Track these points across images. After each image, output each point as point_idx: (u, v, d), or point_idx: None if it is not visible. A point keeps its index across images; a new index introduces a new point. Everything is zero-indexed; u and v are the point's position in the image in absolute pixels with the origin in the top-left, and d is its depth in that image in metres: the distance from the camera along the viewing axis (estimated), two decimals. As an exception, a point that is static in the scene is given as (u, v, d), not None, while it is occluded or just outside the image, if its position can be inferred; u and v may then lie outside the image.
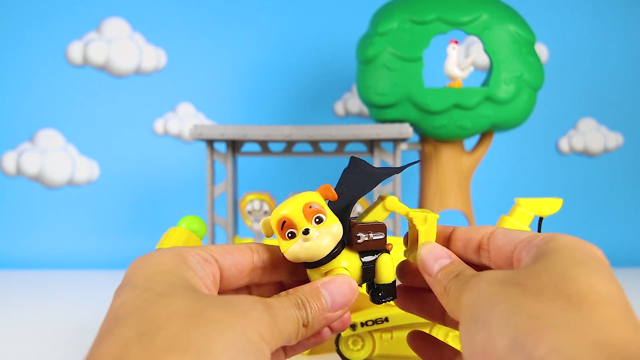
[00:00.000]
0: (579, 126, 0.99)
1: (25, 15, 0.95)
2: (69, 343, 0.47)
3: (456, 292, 0.22)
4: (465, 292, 0.21)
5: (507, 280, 0.20)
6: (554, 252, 0.21)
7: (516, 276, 0.20)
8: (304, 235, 0.24)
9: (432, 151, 0.70)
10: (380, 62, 0.66)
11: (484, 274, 0.22)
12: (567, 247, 0.21)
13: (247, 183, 0.79)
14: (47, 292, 0.69)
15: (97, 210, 0.95)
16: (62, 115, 0.95)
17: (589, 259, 0.20)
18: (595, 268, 0.20)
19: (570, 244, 0.21)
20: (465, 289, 0.21)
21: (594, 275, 0.20)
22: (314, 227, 0.24)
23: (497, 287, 0.20)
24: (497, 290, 0.20)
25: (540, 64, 0.67)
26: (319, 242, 0.24)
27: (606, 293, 0.19)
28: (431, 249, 0.25)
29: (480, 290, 0.21)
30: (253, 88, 0.97)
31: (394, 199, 0.26)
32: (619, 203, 0.99)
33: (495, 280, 0.21)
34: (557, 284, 0.19)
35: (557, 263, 0.20)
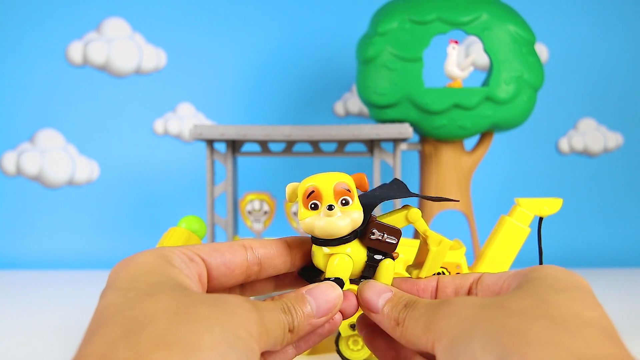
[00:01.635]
0: (579, 126, 0.99)
1: (25, 15, 0.95)
2: (69, 343, 0.47)
3: (420, 321, 0.22)
4: (441, 319, 0.21)
5: (489, 304, 0.20)
6: (537, 280, 0.21)
7: (497, 300, 0.20)
8: (327, 211, 0.24)
9: (432, 151, 0.70)
10: (380, 62, 0.66)
11: (459, 299, 0.22)
12: (551, 276, 0.21)
13: (247, 183, 0.79)
14: (47, 292, 0.69)
15: (97, 210, 0.95)
16: (62, 115, 0.95)
17: (572, 286, 0.20)
18: (579, 295, 0.20)
19: (555, 272, 0.22)
20: (441, 315, 0.21)
21: (578, 301, 0.20)
22: (338, 206, 0.24)
23: (477, 309, 0.20)
24: (478, 313, 0.20)
25: (540, 64, 0.67)
26: (337, 222, 0.24)
27: (590, 317, 0.19)
28: (371, 285, 0.25)
29: (460, 313, 0.20)
30: (253, 88, 0.97)
31: (418, 213, 0.26)
32: (619, 203, 0.99)
33: (475, 304, 0.21)
34: (541, 307, 0.19)
35: (540, 289, 0.20)
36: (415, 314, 0.23)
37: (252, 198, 0.68)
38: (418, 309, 0.23)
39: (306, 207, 0.25)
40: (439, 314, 0.21)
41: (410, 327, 0.22)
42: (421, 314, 0.22)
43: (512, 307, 0.19)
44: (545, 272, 0.22)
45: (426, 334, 0.21)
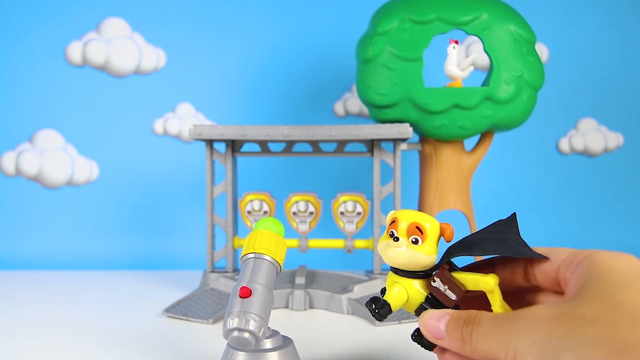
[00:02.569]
0: (580, 126, 0.99)
1: (24, 15, 0.94)
2: (69, 343, 0.47)
3: (491, 337, 0.23)
4: (518, 336, 0.21)
5: (562, 314, 0.21)
6: (598, 277, 0.22)
7: (569, 308, 0.21)
8: (393, 241, 0.28)
9: (432, 151, 0.69)
10: (380, 62, 0.66)
11: (529, 312, 0.22)
12: (610, 268, 0.22)
13: (247, 183, 0.79)
14: (47, 292, 0.69)
15: (96, 211, 0.95)
16: (61, 116, 0.95)
17: (631, 277, 0.21)
18: None
19: (612, 263, 0.22)
20: (516, 332, 0.22)
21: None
22: (406, 242, 0.28)
23: (554, 323, 0.20)
24: (555, 327, 0.20)
25: (540, 64, 0.67)
26: (394, 254, 0.28)
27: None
28: (429, 314, 0.27)
29: (538, 329, 0.21)
30: (252, 88, 0.97)
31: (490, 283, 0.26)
32: (620, 203, 0.99)
33: (549, 317, 0.21)
34: (613, 309, 0.20)
35: (606, 288, 0.21)
36: (482, 330, 0.23)
37: (251, 198, 0.68)
38: (484, 324, 0.23)
39: (386, 232, 0.29)
40: (514, 330, 0.22)
41: (481, 343, 0.23)
42: (490, 329, 0.23)
43: (587, 316, 0.20)
44: (601, 264, 0.22)
45: (504, 350, 0.22)
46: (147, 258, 0.93)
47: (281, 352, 0.35)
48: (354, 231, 0.67)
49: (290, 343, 0.36)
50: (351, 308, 0.59)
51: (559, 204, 0.98)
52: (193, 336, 0.50)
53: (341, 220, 0.67)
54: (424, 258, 0.28)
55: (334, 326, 0.54)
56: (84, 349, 0.46)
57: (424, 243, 0.27)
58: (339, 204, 0.67)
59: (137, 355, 0.44)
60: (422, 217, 0.28)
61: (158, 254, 0.93)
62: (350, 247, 0.67)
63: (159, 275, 0.81)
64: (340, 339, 0.49)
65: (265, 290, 0.34)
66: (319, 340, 0.48)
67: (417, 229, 0.28)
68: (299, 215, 0.67)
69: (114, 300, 0.65)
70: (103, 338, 0.49)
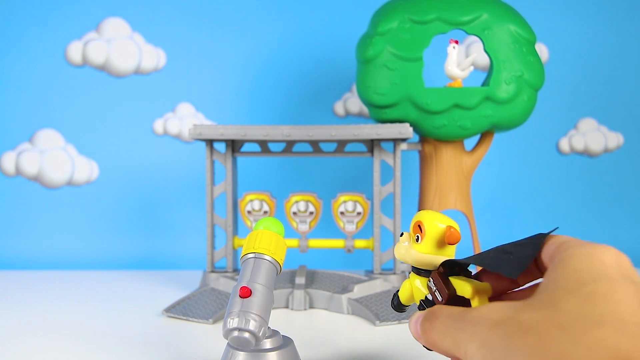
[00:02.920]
0: (580, 126, 0.99)
1: (24, 15, 0.94)
2: (68, 343, 0.47)
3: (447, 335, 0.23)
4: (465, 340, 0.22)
5: (504, 319, 0.20)
6: (554, 280, 0.21)
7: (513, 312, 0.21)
8: (400, 236, 0.31)
9: (432, 151, 0.69)
10: (380, 62, 0.66)
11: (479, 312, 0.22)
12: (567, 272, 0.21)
13: (247, 183, 0.79)
14: (46, 292, 0.69)
15: (96, 211, 0.95)
16: (61, 115, 0.95)
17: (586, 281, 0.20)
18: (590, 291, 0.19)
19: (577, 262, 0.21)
20: (463, 334, 0.22)
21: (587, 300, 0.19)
22: (409, 238, 0.30)
23: (493, 330, 0.20)
24: (494, 334, 0.20)
25: (540, 64, 0.67)
26: (397, 247, 0.31)
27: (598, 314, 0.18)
28: (412, 317, 0.27)
29: (479, 335, 0.21)
30: (252, 88, 0.96)
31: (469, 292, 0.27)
32: (620, 203, 0.99)
33: (491, 321, 0.21)
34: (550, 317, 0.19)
35: (555, 292, 0.20)
36: (439, 327, 0.24)
37: (251, 198, 0.68)
38: (440, 322, 0.24)
39: None
40: (462, 331, 0.22)
41: (439, 340, 0.23)
42: (445, 328, 0.23)
43: (524, 323, 0.19)
44: (567, 264, 0.21)
45: (457, 350, 0.22)
46: (147, 258, 0.92)
47: (281, 352, 0.35)
48: (354, 231, 0.67)
49: (290, 343, 0.36)
50: (351, 308, 0.59)
51: (559, 203, 0.98)
52: (193, 336, 0.50)
53: (341, 220, 0.67)
54: (417, 255, 0.29)
55: (334, 326, 0.54)
56: (84, 349, 0.45)
57: (422, 241, 0.29)
58: (339, 204, 0.67)
59: (137, 355, 0.44)
60: (426, 217, 0.29)
61: (158, 254, 0.93)
62: (350, 247, 0.67)
63: (159, 275, 0.81)
64: (340, 339, 0.49)
65: (266, 290, 0.34)
66: (319, 340, 0.48)
67: (417, 227, 0.29)
68: (299, 215, 0.67)
69: (114, 300, 0.65)
70: (103, 338, 0.49)
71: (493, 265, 0.25)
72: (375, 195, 0.67)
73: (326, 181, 0.95)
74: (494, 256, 0.26)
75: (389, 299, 0.60)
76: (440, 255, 0.29)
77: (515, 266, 0.24)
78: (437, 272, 0.28)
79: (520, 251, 0.25)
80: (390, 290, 0.62)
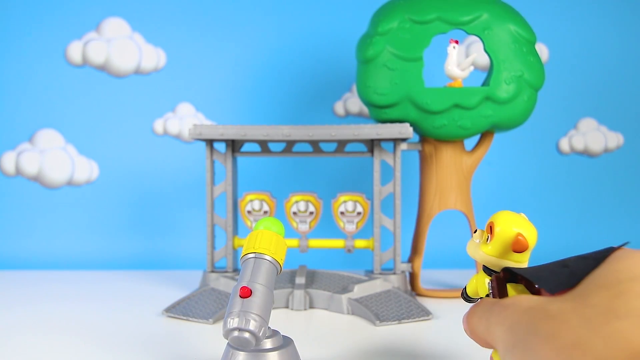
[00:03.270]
0: (580, 126, 0.99)
1: (24, 15, 0.94)
2: (68, 343, 0.47)
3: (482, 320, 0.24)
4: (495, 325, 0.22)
5: (533, 307, 0.21)
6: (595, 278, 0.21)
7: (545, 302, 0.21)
8: (474, 233, 0.31)
9: (432, 151, 0.69)
10: (380, 62, 0.66)
11: (513, 300, 0.23)
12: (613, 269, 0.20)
13: (247, 183, 0.79)
14: (46, 292, 0.69)
15: (96, 211, 0.95)
16: (61, 115, 0.95)
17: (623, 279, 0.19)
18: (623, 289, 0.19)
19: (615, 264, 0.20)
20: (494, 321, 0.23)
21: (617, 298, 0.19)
22: (483, 237, 0.30)
23: (522, 315, 0.21)
24: (521, 318, 0.21)
25: (540, 64, 0.67)
26: (469, 243, 0.31)
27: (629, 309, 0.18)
28: None
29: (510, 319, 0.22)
30: (253, 88, 0.96)
31: None
32: (620, 203, 0.99)
33: (522, 308, 0.21)
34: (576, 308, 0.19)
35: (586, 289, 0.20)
36: (478, 312, 0.25)
37: (252, 198, 0.68)
38: (480, 306, 0.25)
39: None
40: (493, 316, 0.23)
41: (476, 325, 0.24)
42: (481, 313, 0.24)
43: (551, 311, 0.20)
44: (611, 262, 0.21)
45: (491, 338, 0.23)
46: (147, 258, 0.92)
47: (281, 352, 0.35)
48: (354, 231, 0.67)
49: (290, 343, 0.36)
50: (351, 308, 0.59)
51: (560, 203, 0.98)
52: (193, 336, 0.50)
53: (341, 220, 0.67)
54: (483, 255, 0.29)
55: (334, 326, 0.54)
56: (84, 349, 0.45)
57: (491, 243, 0.29)
58: (339, 204, 0.67)
59: (137, 355, 0.44)
60: (500, 220, 0.29)
61: (158, 254, 0.93)
62: (351, 247, 0.67)
63: (159, 275, 0.81)
64: (340, 339, 0.49)
65: (266, 290, 0.34)
66: (319, 340, 0.48)
67: (489, 228, 0.30)
68: (299, 215, 0.67)
69: (114, 300, 0.65)
70: (103, 338, 0.49)
71: (538, 278, 0.24)
72: (376, 195, 0.67)
73: (326, 181, 0.95)
74: (547, 269, 0.25)
75: (389, 299, 0.60)
76: (507, 260, 0.29)
77: (561, 281, 0.23)
78: (497, 276, 0.28)
79: (578, 265, 0.23)
80: (390, 290, 0.62)
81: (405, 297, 0.60)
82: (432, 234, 0.72)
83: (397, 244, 0.66)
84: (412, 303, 0.59)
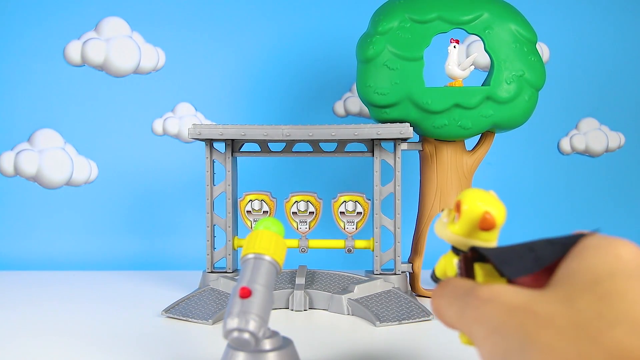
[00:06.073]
0: (581, 126, 0.98)
1: (23, 14, 0.94)
2: (68, 344, 0.47)
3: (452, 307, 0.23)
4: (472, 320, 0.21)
5: (518, 307, 0.20)
6: (570, 274, 0.20)
7: (528, 301, 0.20)
8: (442, 212, 0.30)
9: (433, 151, 0.69)
10: (380, 61, 0.66)
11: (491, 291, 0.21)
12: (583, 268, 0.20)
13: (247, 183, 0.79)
14: (46, 292, 0.69)
15: (95, 211, 0.95)
16: (60, 115, 0.95)
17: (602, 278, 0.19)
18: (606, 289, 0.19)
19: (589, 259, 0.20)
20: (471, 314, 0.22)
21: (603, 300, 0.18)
22: (450, 216, 0.28)
23: (507, 316, 0.20)
24: (508, 321, 0.20)
25: (541, 64, 0.66)
26: (437, 222, 0.30)
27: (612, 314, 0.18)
28: None
29: (492, 319, 0.20)
30: (252, 88, 0.96)
31: None
32: (621, 203, 0.99)
33: (505, 307, 0.20)
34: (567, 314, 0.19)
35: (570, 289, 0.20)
36: (448, 293, 0.23)
37: (251, 198, 0.68)
38: (450, 287, 0.23)
39: None
40: (469, 309, 0.21)
41: (444, 307, 0.23)
42: (454, 296, 0.23)
43: (540, 315, 0.19)
44: (584, 256, 0.20)
45: (463, 328, 0.22)
46: (147, 258, 0.92)
47: (281, 352, 0.34)
48: (354, 231, 0.67)
49: (290, 343, 0.36)
50: (351, 308, 0.58)
51: (560, 203, 0.98)
52: (193, 337, 0.49)
53: (341, 220, 0.67)
54: (450, 235, 0.28)
55: (334, 326, 0.54)
56: (83, 350, 0.45)
57: (458, 222, 0.27)
58: (339, 204, 0.67)
59: (137, 355, 0.44)
60: (467, 197, 0.27)
61: (158, 254, 0.93)
62: (351, 247, 0.66)
63: (159, 275, 0.81)
64: (340, 339, 0.49)
65: (265, 291, 0.33)
66: (319, 341, 0.48)
67: (456, 207, 0.28)
68: (299, 215, 0.67)
69: (114, 300, 0.65)
70: (102, 338, 0.48)
71: (501, 261, 0.24)
72: (376, 195, 0.66)
73: (326, 181, 0.95)
74: (513, 251, 0.24)
75: (389, 300, 0.59)
76: (475, 239, 0.27)
77: (525, 267, 0.23)
78: (465, 256, 0.27)
79: (544, 250, 0.23)
80: (390, 291, 0.62)
81: (405, 297, 0.60)
82: (432, 234, 0.72)
83: (398, 244, 0.66)
84: (412, 303, 0.58)
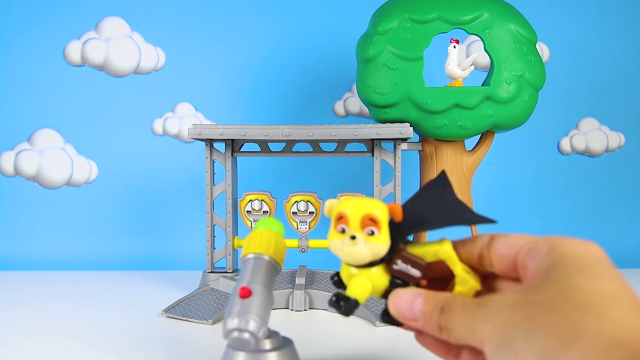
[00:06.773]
0: (581, 126, 0.98)
1: (23, 14, 0.94)
2: (67, 344, 0.47)
3: (462, 325, 0.23)
4: (481, 323, 0.22)
5: (520, 301, 0.21)
6: (556, 264, 0.22)
7: (528, 295, 0.21)
8: (350, 240, 0.25)
9: (433, 151, 0.69)
10: (380, 61, 0.66)
11: (493, 299, 0.23)
12: (568, 255, 0.22)
13: (247, 183, 0.79)
14: (46, 292, 0.69)
15: (95, 211, 0.95)
16: (60, 115, 0.95)
17: (589, 262, 0.21)
18: (597, 272, 0.21)
19: (570, 249, 0.22)
20: (480, 320, 0.22)
21: (598, 279, 0.20)
22: (363, 236, 0.25)
23: (511, 311, 0.21)
24: (512, 315, 0.21)
25: (541, 64, 0.66)
26: (358, 252, 0.25)
27: (611, 293, 0.20)
28: (399, 295, 0.26)
29: (497, 317, 0.22)
30: (252, 88, 0.96)
31: (449, 252, 0.26)
32: (621, 203, 0.99)
33: (508, 304, 0.22)
34: (566, 296, 0.20)
35: (562, 274, 0.21)
36: (455, 318, 0.24)
37: (251, 198, 0.68)
38: (456, 312, 0.24)
39: (335, 228, 0.26)
40: (479, 318, 0.22)
41: (455, 330, 0.24)
42: (461, 317, 0.23)
43: (541, 302, 0.20)
44: (561, 251, 0.22)
45: (473, 337, 0.22)
46: (147, 258, 0.92)
47: (281, 352, 0.34)
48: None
49: (290, 343, 0.36)
50: (351, 308, 0.58)
51: (560, 203, 0.98)
52: (193, 337, 0.49)
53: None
54: (383, 248, 0.26)
55: (334, 326, 0.54)
56: (84, 349, 0.45)
57: (380, 233, 0.25)
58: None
59: (137, 355, 0.44)
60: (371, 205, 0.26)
61: (158, 254, 0.93)
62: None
63: (159, 275, 0.81)
64: (340, 339, 0.49)
65: (265, 291, 0.33)
66: (319, 341, 0.48)
67: (371, 221, 0.25)
68: (299, 215, 0.67)
69: (114, 300, 0.65)
70: (102, 338, 0.48)
71: (470, 220, 0.25)
72: (376, 195, 0.66)
73: (326, 181, 0.95)
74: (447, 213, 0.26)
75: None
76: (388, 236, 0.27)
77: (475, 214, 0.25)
78: (402, 252, 0.26)
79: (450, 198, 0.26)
80: (390, 291, 0.62)
81: (405, 297, 0.60)
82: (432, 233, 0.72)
83: (398, 244, 0.66)
84: (412, 303, 0.58)
